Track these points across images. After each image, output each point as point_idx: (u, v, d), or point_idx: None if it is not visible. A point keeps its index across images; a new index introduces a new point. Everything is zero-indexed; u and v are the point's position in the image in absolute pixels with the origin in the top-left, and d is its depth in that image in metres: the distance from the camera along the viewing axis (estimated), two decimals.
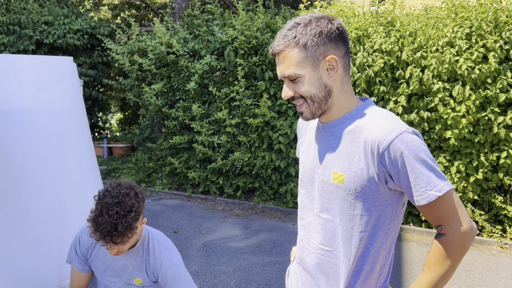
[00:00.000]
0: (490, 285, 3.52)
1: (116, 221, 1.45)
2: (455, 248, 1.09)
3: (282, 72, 1.14)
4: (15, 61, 2.81)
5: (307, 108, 1.16)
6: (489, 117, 4.31)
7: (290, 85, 1.16)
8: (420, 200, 1.07)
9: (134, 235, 1.55)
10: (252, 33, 5.52)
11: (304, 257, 1.31)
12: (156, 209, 5.48)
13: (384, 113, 1.14)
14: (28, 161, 2.80)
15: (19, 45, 7.98)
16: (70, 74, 3.16)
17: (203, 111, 5.89)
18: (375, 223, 1.16)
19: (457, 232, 1.08)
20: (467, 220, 1.09)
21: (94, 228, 1.46)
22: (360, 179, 1.12)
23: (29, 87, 2.84)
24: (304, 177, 1.31)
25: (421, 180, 1.05)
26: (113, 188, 1.54)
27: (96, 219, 1.46)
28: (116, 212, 1.46)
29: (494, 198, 4.53)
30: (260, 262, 3.88)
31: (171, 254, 1.69)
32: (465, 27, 4.33)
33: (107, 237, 1.45)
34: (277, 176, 5.69)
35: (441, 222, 1.10)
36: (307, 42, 1.11)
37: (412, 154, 1.05)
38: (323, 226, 1.23)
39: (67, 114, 3.07)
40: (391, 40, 4.57)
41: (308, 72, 1.13)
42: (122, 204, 1.48)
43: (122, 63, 6.63)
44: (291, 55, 1.12)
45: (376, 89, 4.76)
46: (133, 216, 1.50)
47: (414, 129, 1.11)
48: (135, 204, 1.52)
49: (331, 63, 1.13)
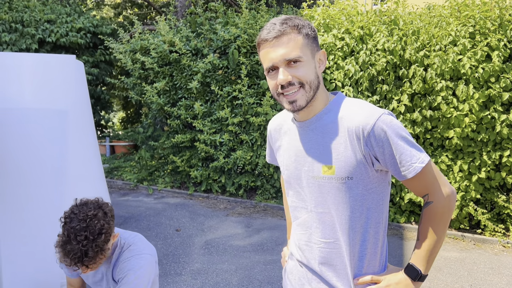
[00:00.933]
0: (492, 284, 3.52)
1: (86, 247, 1.36)
2: (442, 212, 1.18)
3: (285, 55, 1.12)
4: (17, 59, 2.81)
5: (303, 95, 1.16)
6: (493, 115, 4.30)
7: (287, 70, 1.14)
8: (407, 174, 1.14)
9: (106, 255, 1.47)
10: (255, 32, 5.52)
11: (306, 255, 1.32)
12: (158, 207, 5.49)
13: (358, 102, 1.20)
14: (29, 160, 2.80)
15: (22, 43, 8.00)
16: (74, 73, 3.16)
17: (205, 110, 5.89)
18: (370, 205, 1.21)
19: (442, 197, 1.18)
20: (447, 185, 1.19)
21: (63, 254, 1.37)
22: (350, 166, 1.16)
23: (30, 86, 2.84)
24: (290, 178, 1.32)
25: (405, 155, 1.13)
26: (80, 209, 1.44)
27: (64, 246, 1.37)
28: (85, 237, 1.37)
29: (497, 197, 4.52)
30: (262, 261, 3.88)
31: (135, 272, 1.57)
32: (468, 26, 4.31)
33: (78, 263, 1.37)
34: (279, 174, 5.69)
35: (426, 191, 1.19)
36: (308, 32, 1.16)
37: (394, 132, 1.12)
38: (320, 220, 1.25)
39: (71, 112, 3.07)
40: (394, 39, 4.56)
41: (308, 59, 1.16)
42: (90, 228, 1.39)
43: (124, 62, 6.64)
44: (297, 39, 1.14)
45: (378, 87, 4.75)
46: (103, 239, 1.41)
47: (389, 111, 1.17)
48: (105, 225, 1.43)
49: (321, 57, 1.21)
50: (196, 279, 3.49)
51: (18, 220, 2.74)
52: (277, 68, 1.16)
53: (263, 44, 1.16)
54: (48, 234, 2.88)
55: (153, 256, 1.67)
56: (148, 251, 1.65)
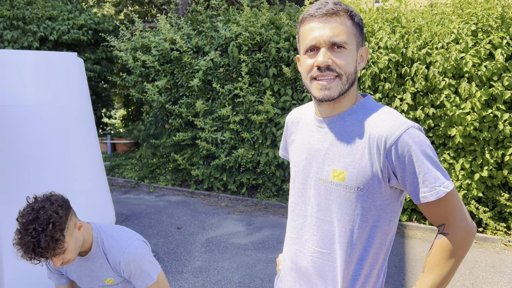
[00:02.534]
0: (493, 283, 3.51)
1: (36, 238, 1.38)
2: (457, 247, 1.06)
3: (332, 36, 1.02)
4: (19, 57, 2.81)
5: (338, 86, 1.06)
6: (495, 114, 4.28)
7: (329, 54, 1.04)
8: (428, 196, 1.03)
9: (67, 243, 1.48)
10: (256, 30, 5.50)
11: (298, 261, 1.24)
12: (159, 205, 5.49)
13: (387, 109, 1.10)
14: (32, 157, 2.80)
15: (23, 41, 7.99)
16: (75, 70, 3.16)
17: (206, 108, 5.88)
18: (375, 223, 1.11)
19: (460, 230, 1.06)
20: (468, 219, 1.08)
21: (21, 251, 1.40)
22: (363, 176, 1.06)
23: (32, 83, 2.84)
24: (296, 177, 1.23)
25: (430, 176, 1.02)
26: (28, 205, 1.48)
27: (19, 242, 1.40)
28: (34, 228, 1.40)
29: (499, 195, 4.51)
30: (263, 259, 3.88)
31: (126, 249, 1.64)
32: (471, 24, 4.30)
33: (35, 255, 1.39)
34: (280, 173, 5.69)
35: (443, 221, 1.07)
36: (359, 22, 1.07)
37: (420, 149, 1.02)
38: (318, 228, 1.16)
39: (72, 109, 3.07)
40: (396, 36, 4.54)
41: (353, 49, 1.06)
42: (38, 219, 1.42)
43: (126, 60, 6.63)
44: (348, 24, 1.04)
45: (381, 85, 4.74)
46: (52, 228, 1.42)
47: (418, 125, 1.08)
48: (53, 214, 1.44)
49: (363, 54, 1.11)
50: (197, 277, 3.50)
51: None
52: (318, 48, 1.05)
53: (308, 19, 1.05)
54: None
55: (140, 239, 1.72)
56: (135, 236, 1.72)
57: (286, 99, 5.43)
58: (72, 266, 1.74)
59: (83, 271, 1.71)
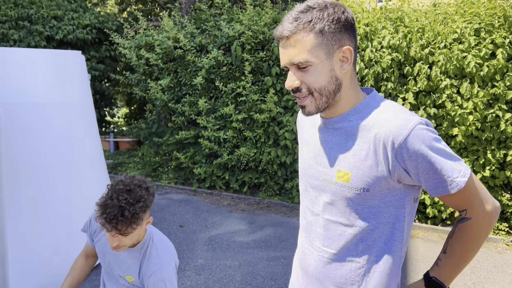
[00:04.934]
0: (495, 282, 3.52)
1: (123, 206, 1.46)
2: (480, 231, 1.07)
3: (291, 58, 1.03)
4: (29, 55, 2.84)
5: (312, 102, 1.07)
6: (497, 114, 4.28)
7: (297, 74, 1.05)
8: (450, 190, 1.02)
9: (137, 229, 1.54)
10: (259, 28, 5.52)
11: (305, 259, 1.24)
12: (162, 203, 5.52)
13: (392, 106, 1.07)
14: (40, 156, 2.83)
15: (30, 40, 8.02)
16: (79, 68, 3.19)
17: (209, 106, 5.90)
18: (387, 221, 1.09)
19: (482, 214, 1.06)
20: (490, 200, 1.07)
21: (101, 212, 1.47)
22: (368, 177, 1.05)
23: (43, 81, 2.87)
24: (303, 174, 1.23)
25: (446, 170, 1.01)
26: (127, 179, 1.57)
27: (105, 203, 1.47)
28: (125, 198, 1.48)
29: (501, 195, 4.51)
30: (265, 257, 3.90)
31: (164, 267, 1.66)
32: (474, 23, 4.30)
33: (113, 220, 1.45)
34: (283, 171, 5.70)
35: (465, 207, 1.07)
36: (324, 27, 1.01)
37: (429, 145, 1.00)
38: (325, 227, 1.15)
39: (76, 107, 3.10)
40: (399, 36, 4.55)
41: (321, 61, 1.03)
42: (132, 193, 1.50)
43: (129, 58, 6.66)
44: (306, 40, 1.01)
45: (383, 85, 4.75)
46: (141, 206, 1.50)
47: (425, 118, 1.06)
48: (145, 196, 1.53)
49: (346, 55, 1.05)
50: (200, 274, 3.52)
51: (25, 213, 2.77)
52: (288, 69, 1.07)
53: (277, 41, 1.07)
54: (55, 229, 2.90)
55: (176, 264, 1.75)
56: (174, 256, 1.74)
57: (289, 98, 5.45)
58: (105, 245, 1.77)
59: (115, 256, 1.73)
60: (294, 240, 4.32)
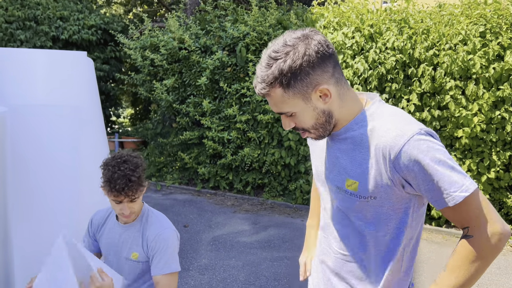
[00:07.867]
0: (499, 284, 3.51)
1: (129, 173, 1.59)
2: (482, 251, 1.00)
3: (275, 110, 1.10)
4: (31, 56, 2.85)
5: (312, 134, 1.14)
6: (503, 115, 4.27)
7: (287, 119, 1.11)
8: (446, 202, 1.00)
9: (143, 192, 1.68)
10: (264, 29, 5.53)
11: (325, 259, 1.30)
12: (166, 203, 5.54)
13: (393, 114, 1.07)
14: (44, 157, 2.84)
15: (36, 41, 8.08)
16: (85, 69, 3.20)
17: (213, 107, 5.92)
18: (397, 225, 1.11)
19: (485, 234, 0.99)
20: (497, 222, 0.99)
21: (109, 187, 1.57)
22: (375, 186, 1.07)
23: (44, 82, 2.88)
24: (317, 179, 1.28)
25: (443, 182, 0.98)
26: (115, 155, 1.71)
27: (111, 177, 1.58)
28: (126, 168, 1.60)
29: (506, 197, 4.49)
30: (269, 257, 3.91)
31: (166, 228, 1.76)
32: (479, 25, 4.28)
33: (125, 188, 1.56)
34: (286, 172, 5.71)
35: (467, 224, 1.02)
36: (290, 80, 1.02)
37: (427, 156, 0.98)
38: (339, 231, 1.20)
39: (81, 109, 3.10)
40: (404, 37, 4.54)
41: (301, 107, 1.06)
42: (129, 162, 1.64)
43: (135, 58, 6.69)
44: (278, 96, 1.05)
45: (388, 86, 4.74)
46: (140, 171, 1.64)
47: (428, 128, 1.03)
48: (139, 161, 1.67)
49: (323, 92, 1.05)
50: (203, 274, 3.53)
51: (29, 217, 2.79)
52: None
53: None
54: (61, 229, 2.92)
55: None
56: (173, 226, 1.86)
57: None
58: (109, 233, 1.85)
59: (117, 239, 1.81)
60: (297, 241, 4.33)
